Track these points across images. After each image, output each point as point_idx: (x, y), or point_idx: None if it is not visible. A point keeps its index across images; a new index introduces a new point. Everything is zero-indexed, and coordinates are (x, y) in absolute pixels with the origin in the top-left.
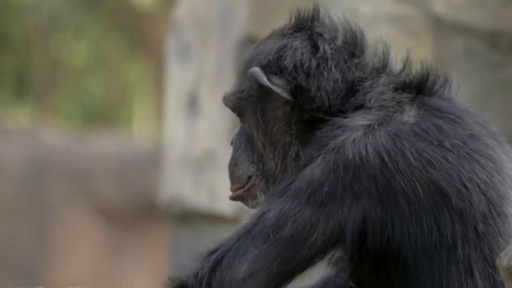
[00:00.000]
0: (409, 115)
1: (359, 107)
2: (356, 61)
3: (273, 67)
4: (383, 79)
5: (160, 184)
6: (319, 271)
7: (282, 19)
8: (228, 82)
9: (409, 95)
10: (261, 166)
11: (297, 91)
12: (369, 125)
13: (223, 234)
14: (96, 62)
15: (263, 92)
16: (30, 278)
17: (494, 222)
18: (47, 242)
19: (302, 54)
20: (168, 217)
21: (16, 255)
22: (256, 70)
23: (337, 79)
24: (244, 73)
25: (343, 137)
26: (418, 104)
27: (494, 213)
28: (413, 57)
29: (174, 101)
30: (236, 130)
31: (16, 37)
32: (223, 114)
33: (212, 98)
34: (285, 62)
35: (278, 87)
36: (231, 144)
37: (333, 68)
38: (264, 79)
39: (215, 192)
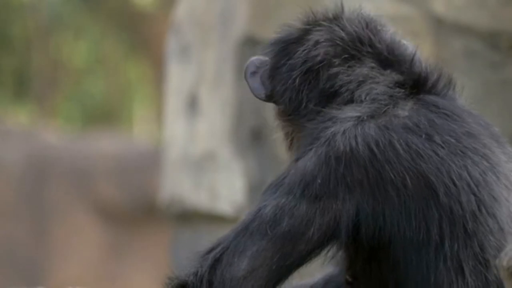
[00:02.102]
0: (403, 109)
1: (349, 102)
2: (337, 69)
3: (265, 61)
4: (375, 79)
5: (160, 184)
6: (321, 270)
7: (282, 19)
8: (228, 82)
9: (405, 91)
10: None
11: (272, 92)
12: (359, 117)
13: (222, 234)
14: (96, 62)
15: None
16: (30, 278)
17: (485, 221)
18: (47, 242)
19: (280, 57)
20: (168, 217)
21: (16, 255)
22: (250, 61)
23: (305, 89)
24: None
25: (333, 129)
26: (415, 100)
27: (484, 212)
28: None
29: (174, 101)
30: None
31: (16, 37)
32: (223, 114)
33: (212, 98)
34: (269, 61)
35: (258, 83)
36: None
37: (297, 80)
38: (247, 73)
39: (215, 192)
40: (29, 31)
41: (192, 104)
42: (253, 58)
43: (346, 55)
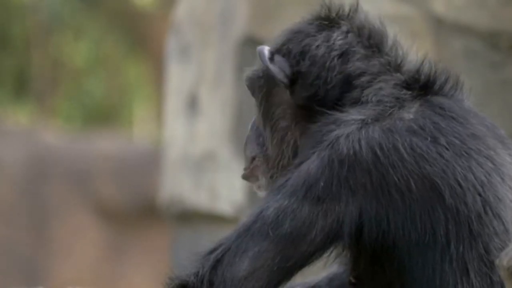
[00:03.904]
0: (409, 111)
1: (356, 102)
2: (360, 56)
3: (283, 49)
4: (386, 76)
5: (160, 184)
6: (326, 269)
7: (282, 19)
8: (228, 82)
9: (411, 92)
10: (264, 148)
11: (297, 76)
12: (363, 120)
13: (223, 234)
14: (96, 62)
15: (269, 73)
16: (30, 278)
17: (490, 222)
18: (47, 242)
19: (312, 41)
20: (168, 217)
21: (16, 255)
22: (262, 48)
23: (336, 70)
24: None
25: (337, 132)
26: (421, 102)
27: (490, 213)
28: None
29: (174, 101)
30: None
31: (16, 37)
32: (223, 114)
33: (212, 98)
34: (294, 46)
35: (278, 68)
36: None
37: (335, 59)
38: (265, 58)
39: (215, 192)
40: (29, 31)
41: (192, 104)
42: (263, 46)
43: (368, 46)
